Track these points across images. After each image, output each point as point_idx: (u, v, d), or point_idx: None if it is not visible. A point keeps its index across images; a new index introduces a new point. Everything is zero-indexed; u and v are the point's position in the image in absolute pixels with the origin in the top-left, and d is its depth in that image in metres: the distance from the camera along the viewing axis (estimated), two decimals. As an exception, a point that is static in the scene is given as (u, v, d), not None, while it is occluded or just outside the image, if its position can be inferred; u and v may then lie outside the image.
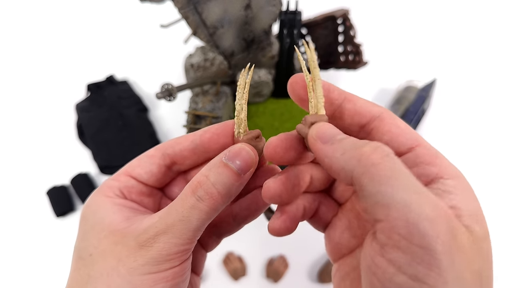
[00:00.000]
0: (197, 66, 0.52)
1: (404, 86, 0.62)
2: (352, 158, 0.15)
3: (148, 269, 0.17)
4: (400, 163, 0.14)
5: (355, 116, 0.19)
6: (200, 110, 0.50)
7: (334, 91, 0.19)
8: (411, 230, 0.13)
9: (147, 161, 0.21)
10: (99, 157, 0.58)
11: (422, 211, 0.13)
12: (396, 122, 0.18)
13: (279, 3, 0.48)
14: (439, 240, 0.13)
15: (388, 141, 0.18)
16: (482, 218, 0.15)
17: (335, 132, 0.17)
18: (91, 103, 0.65)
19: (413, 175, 0.14)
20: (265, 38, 0.52)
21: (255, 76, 0.53)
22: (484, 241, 0.15)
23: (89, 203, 0.20)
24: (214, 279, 0.48)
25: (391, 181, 0.14)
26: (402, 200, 0.13)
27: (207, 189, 0.18)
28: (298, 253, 0.49)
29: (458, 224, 0.14)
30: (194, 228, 0.18)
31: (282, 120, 0.55)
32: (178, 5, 0.43)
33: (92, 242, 0.19)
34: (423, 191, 0.14)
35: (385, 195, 0.14)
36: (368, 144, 0.15)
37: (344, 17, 0.53)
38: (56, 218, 0.54)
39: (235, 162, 0.19)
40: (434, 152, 0.17)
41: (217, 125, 0.21)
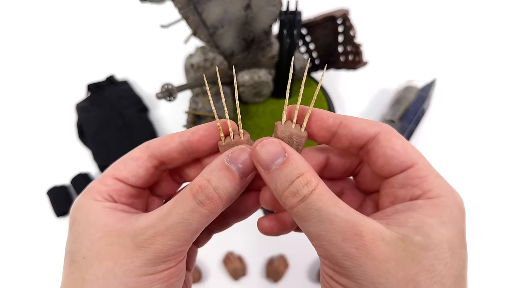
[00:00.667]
0: (197, 66, 0.52)
1: (404, 86, 0.62)
2: (280, 198, 0.18)
3: (145, 270, 0.17)
4: (316, 199, 0.17)
5: (352, 140, 0.19)
6: (200, 110, 0.50)
7: (328, 119, 0.20)
8: (327, 254, 0.17)
9: (133, 164, 0.21)
10: (99, 157, 0.59)
11: (330, 238, 0.16)
12: (392, 143, 0.19)
13: (279, 3, 0.48)
14: (346, 258, 0.16)
15: (383, 163, 0.19)
16: (430, 230, 0.16)
17: (272, 158, 0.18)
18: (91, 103, 0.65)
19: (329, 205, 0.17)
20: (265, 38, 0.52)
21: (255, 76, 0.53)
22: (425, 250, 0.16)
23: (79, 206, 0.20)
24: (214, 279, 0.48)
25: (305, 218, 0.17)
26: (315, 232, 0.17)
27: (208, 193, 0.18)
28: (298, 253, 0.49)
29: (376, 237, 0.16)
30: (193, 230, 0.18)
31: (282, 120, 0.55)
32: (178, 5, 0.43)
33: (85, 244, 0.18)
34: (332, 220, 0.16)
35: (305, 229, 0.17)
36: (291, 186, 0.17)
37: (344, 17, 0.53)
38: (56, 218, 0.54)
39: (237, 165, 0.19)
40: (425, 174, 0.18)
41: (205, 126, 0.21)
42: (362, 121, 0.19)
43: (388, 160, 0.19)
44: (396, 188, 0.19)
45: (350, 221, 0.16)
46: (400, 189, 0.19)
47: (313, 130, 0.20)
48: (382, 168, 0.19)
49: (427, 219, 0.17)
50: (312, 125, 0.20)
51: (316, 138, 0.20)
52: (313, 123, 0.20)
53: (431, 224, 0.16)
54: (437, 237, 0.16)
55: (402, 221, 0.17)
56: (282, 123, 0.20)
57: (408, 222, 0.17)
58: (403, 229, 0.16)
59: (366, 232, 0.16)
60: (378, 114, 0.60)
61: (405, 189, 0.18)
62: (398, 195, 0.19)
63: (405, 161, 0.18)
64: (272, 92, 0.57)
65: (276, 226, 0.21)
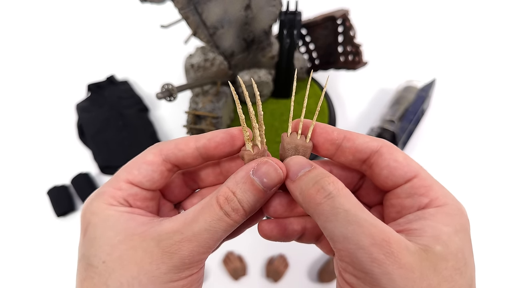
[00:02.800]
0: (197, 66, 0.52)
1: (403, 86, 0.62)
2: (305, 199, 0.18)
3: (170, 277, 0.17)
4: (343, 200, 0.17)
5: (356, 153, 0.20)
6: (200, 110, 0.50)
7: (333, 132, 0.20)
8: (352, 258, 0.16)
9: (148, 168, 0.20)
10: (99, 157, 0.59)
11: (358, 242, 0.16)
12: (394, 156, 0.19)
13: (279, 4, 0.48)
14: (374, 264, 0.15)
15: (387, 175, 0.19)
16: (448, 239, 0.17)
17: (299, 168, 0.19)
18: (92, 103, 0.65)
19: (356, 208, 0.17)
20: (265, 38, 0.52)
21: (255, 76, 0.53)
22: (444, 260, 0.16)
23: (94, 211, 0.19)
24: (214, 279, 0.48)
25: (331, 217, 0.17)
26: (341, 234, 0.16)
27: (234, 206, 0.18)
28: (298, 252, 0.49)
29: (401, 247, 0.16)
30: (218, 238, 0.18)
31: (282, 120, 0.55)
32: (178, 6, 0.43)
33: (104, 248, 0.18)
34: (361, 224, 0.16)
35: (329, 230, 0.17)
36: (315, 184, 0.17)
37: (343, 18, 0.53)
38: (56, 218, 0.54)
39: (262, 179, 0.19)
40: (429, 183, 0.19)
41: (222, 134, 0.21)
42: (365, 136, 0.20)
43: (392, 171, 0.19)
44: (403, 198, 0.19)
45: (378, 226, 0.16)
46: (407, 198, 0.19)
47: (318, 142, 0.21)
48: (386, 179, 0.19)
49: (443, 228, 0.17)
50: (317, 137, 0.21)
51: (321, 150, 0.21)
52: (318, 136, 0.21)
53: (448, 233, 0.17)
54: (453, 247, 0.16)
55: (420, 231, 0.17)
56: (288, 135, 0.21)
57: (426, 232, 0.17)
58: (423, 239, 0.17)
59: (393, 239, 0.16)
60: (378, 114, 0.60)
61: (412, 198, 0.19)
62: (405, 205, 0.19)
63: (408, 172, 0.19)
64: (272, 92, 0.57)
65: (275, 229, 0.21)
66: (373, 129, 0.56)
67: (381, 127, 0.55)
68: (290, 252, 0.49)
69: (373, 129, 0.57)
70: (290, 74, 0.55)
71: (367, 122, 0.62)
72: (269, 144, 0.52)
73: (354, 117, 0.64)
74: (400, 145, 0.55)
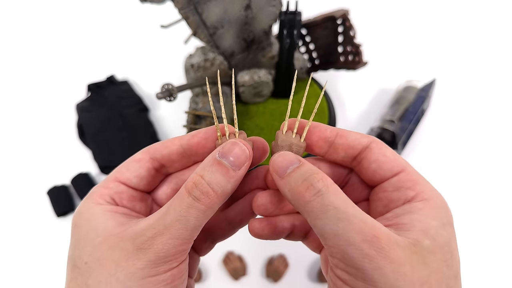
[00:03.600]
0: (197, 66, 0.52)
1: (403, 86, 0.62)
2: (294, 196, 0.18)
3: (147, 272, 0.17)
4: (332, 197, 0.17)
5: (348, 150, 0.20)
6: (200, 110, 0.50)
7: (326, 130, 0.21)
8: (343, 255, 0.16)
9: (135, 165, 0.21)
10: (99, 157, 0.59)
11: (348, 238, 0.16)
12: (383, 151, 0.20)
13: (279, 4, 0.48)
14: (366, 260, 0.15)
15: (375, 168, 0.20)
16: (435, 233, 0.17)
17: (287, 164, 0.19)
18: (92, 103, 0.65)
19: (346, 205, 0.17)
20: (265, 38, 0.52)
21: (255, 76, 0.53)
22: (432, 253, 0.16)
23: (81, 211, 0.20)
24: (214, 279, 0.48)
25: (321, 215, 0.17)
26: (331, 231, 0.16)
27: (203, 188, 0.18)
28: (298, 252, 0.49)
29: (391, 241, 0.16)
30: (191, 227, 0.18)
31: (282, 120, 0.55)
32: (178, 6, 0.43)
33: (87, 249, 0.18)
34: (350, 220, 0.16)
35: (319, 227, 0.17)
36: (304, 181, 0.17)
37: (343, 18, 0.53)
38: (56, 218, 0.54)
39: (228, 158, 0.19)
40: (415, 177, 0.19)
41: (205, 130, 0.21)
42: (355, 133, 0.21)
43: (381, 165, 0.20)
44: (390, 192, 0.20)
45: (368, 223, 0.16)
46: (394, 192, 0.19)
47: (312, 140, 0.21)
48: (374, 173, 0.20)
49: (431, 222, 0.17)
50: (311, 136, 0.21)
51: (314, 148, 0.21)
52: (313, 134, 0.21)
53: (435, 227, 0.17)
54: (441, 240, 0.17)
55: (408, 226, 0.17)
56: (283, 133, 0.21)
57: (414, 226, 0.17)
58: (412, 233, 0.17)
59: (383, 235, 0.16)
60: (378, 114, 0.60)
61: (399, 191, 0.19)
62: (392, 198, 0.19)
63: (396, 166, 0.19)
64: (272, 92, 0.57)
65: (266, 228, 0.21)
66: (373, 129, 0.56)
67: (381, 127, 0.55)
68: (290, 252, 0.49)
69: (373, 129, 0.57)
70: (290, 74, 0.55)
71: (367, 122, 0.62)
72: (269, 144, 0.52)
73: (354, 117, 0.64)
74: (400, 145, 0.55)
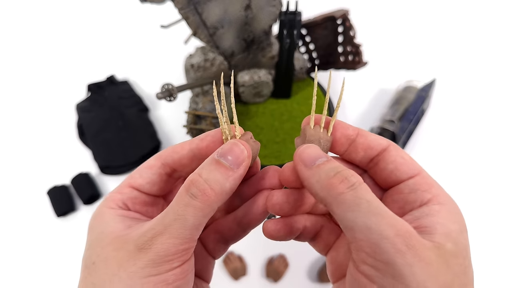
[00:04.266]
0: (197, 66, 0.52)
1: (403, 86, 0.62)
2: (324, 187, 0.18)
3: (148, 271, 0.17)
4: (364, 192, 0.17)
5: (367, 149, 0.21)
6: (200, 110, 0.50)
7: (348, 128, 0.21)
8: (374, 249, 0.16)
9: (148, 172, 0.22)
10: (99, 157, 0.59)
11: (381, 232, 0.16)
12: (401, 153, 0.20)
13: (279, 4, 0.48)
14: (398, 255, 0.15)
15: (393, 169, 0.20)
16: (456, 237, 0.17)
17: (316, 156, 0.19)
18: (92, 103, 0.65)
19: (377, 201, 0.17)
20: (265, 38, 0.52)
21: (255, 76, 0.53)
22: (455, 257, 0.16)
23: (95, 215, 0.21)
24: (214, 279, 0.48)
25: (354, 207, 0.16)
26: (364, 224, 0.16)
27: (199, 185, 0.18)
28: (298, 252, 0.49)
29: (420, 241, 0.16)
30: (190, 226, 0.18)
31: (282, 120, 0.55)
32: (178, 6, 0.43)
33: (96, 250, 0.19)
34: (383, 215, 0.16)
35: (350, 220, 0.17)
36: (338, 174, 0.18)
37: (343, 18, 0.53)
38: (56, 218, 0.54)
39: (226, 158, 0.19)
40: (431, 181, 0.19)
41: (213, 132, 0.22)
42: (374, 134, 0.21)
43: (398, 166, 0.20)
44: (406, 194, 0.20)
45: (399, 219, 0.16)
46: (410, 193, 0.19)
47: (336, 136, 0.21)
48: (390, 174, 0.20)
49: (451, 225, 0.17)
50: (335, 132, 0.21)
51: (336, 145, 0.22)
52: (337, 131, 0.21)
53: (456, 231, 0.17)
54: (461, 245, 0.17)
55: (430, 229, 0.17)
56: (311, 127, 0.21)
57: (436, 229, 0.17)
58: (435, 236, 0.17)
59: (414, 232, 0.16)
60: (378, 114, 0.60)
61: (415, 193, 0.19)
62: (408, 200, 0.19)
63: (412, 169, 0.20)
64: (272, 92, 0.57)
65: (282, 229, 0.21)
66: (373, 129, 0.56)
67: (381, 127, 0.55)
68: (290, 252, 0.49)
69: (373, 129, 0.57)
70: (290, 74, 0.55)
71: (367, 122, 0.62)
72: (268, 144, 0.52)
73: (354, 117, 0.64)
74: (400, 145, 0.55)
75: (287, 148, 0.50)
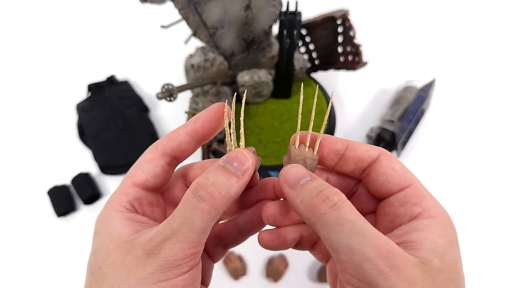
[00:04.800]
0: (197, 66, 0.52)
1: (403, 86, 0.62)
2: (307, 208, 0.18)
3: (158, 277, 0.17)
4: (348, 211, 0.17)
5: (358, 162, 0.21)
6: (200, 110, 0.50)
7: (336, 143, 0.21)
8: (357, 270, 0.16)
9: (149, 166, 0.21)
10: (99, 157, 0.59)
11: (364, 253, 0.16)
12: (391, 164, 0.20)
13: (279, 4, 0.49)
14: (380, 276, 0.15)
15: (383, 181, 0.20)
16: (444, 252, 0.17)
17: (300, 176, 0.19)
18: (92, 103, 0.65)
19: (360, 219, 0.17)
20: (265, 38, 0.52)
21: (255, 76, 0.54)
22: (442, 273, 0.16)
23: (100, 218, 0.20)
24: (214, 279, 0.48)
25: (336, 228, 0.16)
26: (346, 245, 0.16)
27: (207, 188, 0.18)
28: (298, 252, 0.49)
29: (404, 258, 0.16)
30: (198, 229, 0.18)
31: (282, 120, 0.55)
32: (178, 6, 0.44)
33: (101, 255, 0.18)
34: (366, 235, 0.16)
35: (334, 241, 0.17)
36: (320, 193, 0.17)
37: (343, 18, 0.53)
38: (57, 218, 0.54)
39: (232, 164, 0.19)
40: (422, 193, 0.19)
41: (205, 112, 0.22)
42: (365, 145, 0.21)
43: (388, 178, 0.20)
44: (396, 207, 0.20)
45: (382, 238, 0.16)
46: (400, 207, 0.19)
47: (323, 153, 0.21)
48: (381, 186, 0.20)
49: (438, 240, 0.17)
50: (323, 149, 0.21)
51: (326, 161, 0.22)
52: (324, 147, 0.21)
53: (443, 245, 0.17)
54: (448, 259, 0.17)
55: (417, 244, 0.17)
56: (296, 147, 0.21)
57: (423, 245, 0.17)
58: (421, 252, 0.17)
59: (396, 252, 0.16)
60: (378, 114, 0.60)
61: (405, 207, 0.19)
62: (398, 213, 0.19)
63: (403, 180, 0.19)
64: (272, 92, 0.57)
65: (276, 240, 0.22)
66: (373, 129, 0.57)
67: (381, 127, 0.56)
68: (290, 252, 0.49)
69: (373, 129, 0.57)
70: (290, 74, 0.55)
71: (367, 122, 0.62)
72: (268, 144, 0.52)
73: (354, 117, 0.64)
74: (399, 145, 0.55)
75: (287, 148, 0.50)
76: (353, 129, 0.62)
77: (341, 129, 0.61)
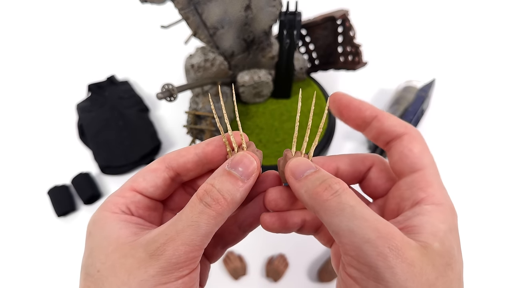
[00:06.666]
0: (198, 66, 0.52)
1: (403, 86, 0.62)
2: (311, 196, 0.18)
3: (159, 279, 0.17)
4: (348, 198, 0.18)
5: (381, 134, 0.21)
6: (200, 110, 0.50)
7: (366, 111, 0.21)
8: (358, 252, 0.16)
9: (152, 175, 0.21)
10: (100, 157, 0.59)
11: (364, 235, 0.16)
12: (411, 145, 0.20)
13: (279, 4, 0.49)
14: (379, 258, 0.16)
15: (397, 160, 0.20)
16: (444, 236, 0.17)
17: (305, 168, 0.20)
18: (92, 103, 0.65)
19: (361, 205, 0.17)
20: (265, 38, 0.52)
21: (255, 76, 0.54)
22: (441, 257, 0.17)
23: (95, 219, 0.20)
24: (214, 279, 0.48)
25: (338, 212, 0.17)
26: (347, 228, 0.17)
27: (213, 195, 0.19)
28: (298, 252, 0.49)
29: (404, 241, 0.16)
30: (203, 233, 0.18)
31: (282, 120, 0.55)
32: (178, 6, 0.44)
33: (99, 258, 0.18)
34: (366, 218, 0.17)
35: (336, 225, 0.17)
36: (323, 182, 0.18)
37: (343, 18, 0.53)
38: (57, 218, 0.54)
39: (237, 169, 0.20)
40: (431, 179, 0.19)
41: (219, 137, 0.22)
42: (395, 119, 0.21)
43: (403, 158, 0.20)
44: (403, 190, 0.20)
45: (382, 222, 0.17)
46: (406, 190, 0.20)
47: (350, 117, 0.22)
48: (395, 164, 0.21)
49: (439, 224, 0.18)
50: (350, 112, 0.22)
51: (352, 124, 0.22)
52: (352, 111, 0.22)
53: (444, 231, 0.17)
54: (448, 244, 0.17)
55: (419, 228, 0.18)
56: (292, 154, 0.22)
57: (425, 229, 0.17)
58: (422, 236, 0.17)
59: (397, 233, 0.16)
60: (378, 114, 0.60)
61: (411, 190, 0.19)
62: (403, 196, 0.20)
63: (417, 164, 0.20)
64: (272, 92, 0.57)
65: (277, 222, 0.22)
66: (373, 129, 0.57)
67: (380, 127, 0.56)
68: (290, 252, 0.49)
69: (373, 129, 0.57)
70: (290, 75, 0.55)
71: (367, 122, 0.62)
72: (268, 144, 0.52)
73: (354, 117, 0.64)
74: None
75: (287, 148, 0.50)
76: (353, 130, 0.62)
77: (341, 129, 0.61)
